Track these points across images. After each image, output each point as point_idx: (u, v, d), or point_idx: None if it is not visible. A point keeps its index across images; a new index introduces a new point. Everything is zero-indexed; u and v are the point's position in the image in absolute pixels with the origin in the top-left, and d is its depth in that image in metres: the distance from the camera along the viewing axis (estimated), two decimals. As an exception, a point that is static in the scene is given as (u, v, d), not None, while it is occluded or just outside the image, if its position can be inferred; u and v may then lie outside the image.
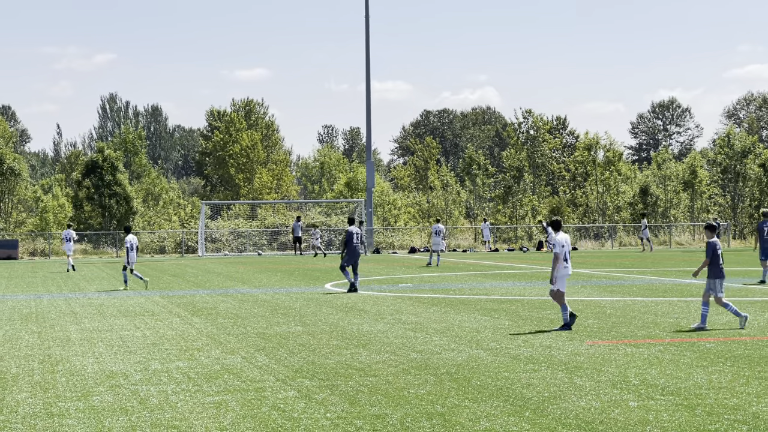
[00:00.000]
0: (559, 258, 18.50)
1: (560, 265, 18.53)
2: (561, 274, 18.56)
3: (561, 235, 18.70)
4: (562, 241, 18.59)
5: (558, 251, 18.47)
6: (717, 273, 18.66)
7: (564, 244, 18.61)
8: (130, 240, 31.77)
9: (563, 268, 18.59)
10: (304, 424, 10.49)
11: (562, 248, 18.55)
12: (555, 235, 18.70)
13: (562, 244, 18.56)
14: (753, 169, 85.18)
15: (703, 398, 11.62)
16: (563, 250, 18.55)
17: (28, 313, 23.42)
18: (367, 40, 71.70)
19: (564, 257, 18.56)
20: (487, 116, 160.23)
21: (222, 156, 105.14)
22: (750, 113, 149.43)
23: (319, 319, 21.25)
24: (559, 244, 18.51)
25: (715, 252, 18.64)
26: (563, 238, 18.69)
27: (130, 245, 31.72)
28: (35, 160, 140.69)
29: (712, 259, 18.66)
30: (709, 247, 18.73)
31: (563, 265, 18.59)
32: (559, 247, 18.50)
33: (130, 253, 31.73)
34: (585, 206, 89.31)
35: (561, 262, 18.55)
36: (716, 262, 18.66)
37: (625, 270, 39.93)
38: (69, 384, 13.15)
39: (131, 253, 31.73)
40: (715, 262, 18.66)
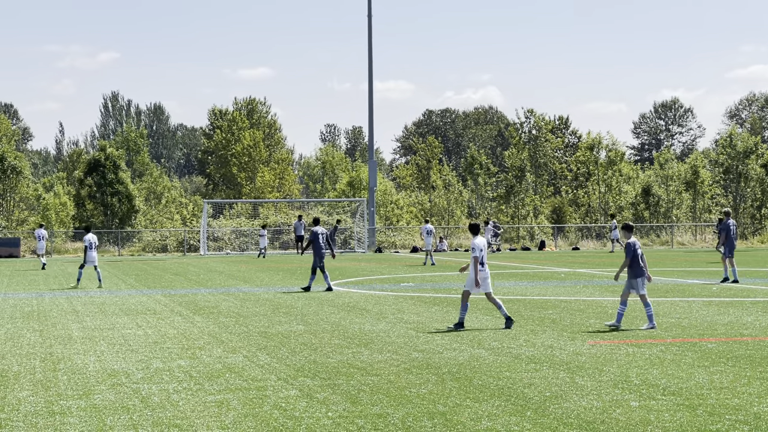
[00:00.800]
0: (478, 261, 18.78)
1: (478, 267, 18.80)
2: (483, 276, 18.84)
3: (479, 239, 19.00)
4: (480, 245, 18.87)
5: (477, 255, 18.76)
6: (638, 272, 18.82)
7: (483, 248, 18.89)
8: (89, 239, 32.27)
9: (481, 271, 18.86)
10: (305, 423, 10.49)
11: (481, 252, 18.83)
12: (474, 240, 19.00)
13: (480, 248, 18.84)
14: (755, 170, 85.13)
15: (705, 398, 11.61)
16: (482, 254, 18.83)
17: (29, 312, 23.43)
18: (370, 39, 71.72)
19: (482, 260, 18.84)
20: (489, 116, 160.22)
21: (224, 155, 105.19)
22: (752, 113, 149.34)
23: (320, 318, 21.25)
24: (478, 248, 18.81)
25: (635, 252, 18.80)
26: (482, 241, 18.96)
27: (89, 244, 32.18)
28: (37, 159, 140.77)
29: (632, 259, 18.81)
30: (628, 247, 18.89)
31: (480, 268, 18.85)
32: (478, 250, 18.79)
33: (90, 252, 32.11)
34: (587, 206, 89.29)
35: (478, 265, 18.82)
36: (636, 261, 18.81)
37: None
38: (71, 382, 13.16)
39: (90, 251, 32.12)
40: (635, 262, 18.82)
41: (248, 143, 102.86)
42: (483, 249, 18.85)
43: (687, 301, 24.64)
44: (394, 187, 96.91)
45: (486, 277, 18.90)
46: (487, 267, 18.99)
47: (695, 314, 21.21)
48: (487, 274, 18.97)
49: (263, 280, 35.21)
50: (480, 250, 18.78)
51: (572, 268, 41.41)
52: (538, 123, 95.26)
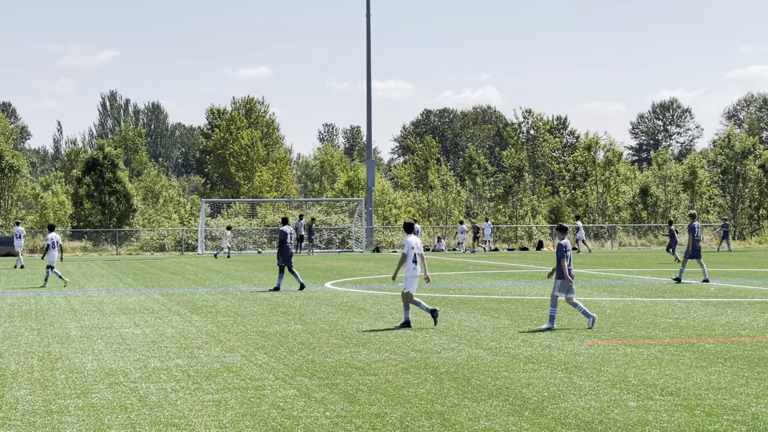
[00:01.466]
0: (407, 259, 18.90)
1: (409, 266, 18.92)
2: (410, 275, 18.96)
3: (411, 237, 19.13)
4: (411, 243, 19.00)
5: (407, 252, 18.91)
6: (561, 273, 18.85)
7: (413, 246, 19.00)
8: (52, 238, 32.29)
9: (412, 269, 18.96)
10: (303, 422, 10.49)
11: (411, 250, 18.95)
12: (406, 237, 19.13)
13: (411, 246, 18.97)
14: (753, 170, 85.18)
15: (703, 399, 11.62)
16: (412, 252, 18.94)
17: (27, 310, 23.42)
18: (368, 39, 71.71)
19: (413, 259, 18.93)
20: (487, 116, 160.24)
21: (222, 154, 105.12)
22: (750, 114, 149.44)
23: (318, 317, 21.25)
24: (408, 246, 18.94)
25: (564, 253, 18.85)
26: (413, 240, 19.08)
27: (52, 243, 32.20)
28: (35, 157, 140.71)
29: (560, 261, 18.87)
30: (559, 248, 18.95)
31: (412, 267, 18.95)
32: (408, 248, 18.93)
33: (52, 251, 32.14)
34: (585, 206, 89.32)
35: (410, 264, 18.93)
36: (563, 263, 18.85)
37: (624, 270, 39.93)
38: (68, 381, 13.15)
39: (53, 251, 32.15)
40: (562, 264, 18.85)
41: (246, 143, 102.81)
42: (414, 247, 18.99)
43: (685, 301, 24.66)
44: (392, 186, 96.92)
45: (413, 277, 19.03)
46: (418, 266, 19.10)
47: (693, 314, 21.22)
48: (417, 274, 19.09)
49: (261, 279, 35.20)
50: (411, 247, 18.96)
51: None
52: (536, 123, 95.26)
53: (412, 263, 18.97)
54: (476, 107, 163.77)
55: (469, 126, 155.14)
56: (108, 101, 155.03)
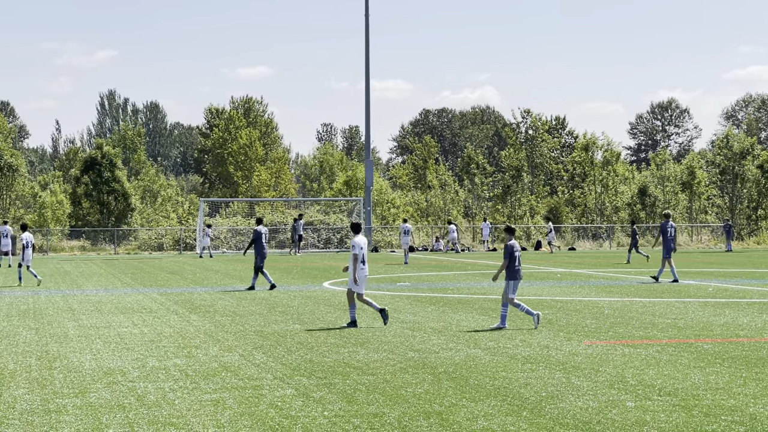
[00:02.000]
0: (358, 259, 19.09)
1: (359, 266, 19.13)
2: (360, 275, 19.17)
3: (360, 237, 19.33)
4: (361, 243, 19.19)
5: (357, 252, 19.08)
6: (513, 275, 19.00)
7: (363, 246, 19.19)
8: (25, 237, 32.50)
9: (360, 270, 19.16)
10: (301, 422, 10.48)
11: (361, 250, 19.13)
12: (354, 238, 19.33)
13: (361, 246, 19.15)
14: (751, 171, 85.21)
15: (701, 399, 11.62)
16: (361, 252, 19.12)
17: (25, 310, 23.41)
18: (367, 38, 71.71)
19: (362, 259, 19.13)
20: (486, 116, 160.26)
21: (221, 153, 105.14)
22: (749, 115, 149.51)
23: (317, 317, 21.25)
24: (358, 246, 19.13)
25: (512, 254, 18.95)
26: (362, 240, 19.28)
27: (26, 242, 32.38)
28: (33, 156, 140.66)
29: (510, 261, 18.99)
30: (506, 249, 19.06)
31: (360, 267, 19.16)
32: (358, 248, 19.11)
33: (26, 251, 32.28)
34: (583, 206, 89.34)
35: (359, 264, 19.13)
36: (513, 264, 18.98)
37: (622, 270, 39.93)
38: (66, 380, 13.14)
39: (27, 250, 32.30)
40: (512, 264, 18.99)
41: (245, 142, 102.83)
42: (363, 247, 19.19)
43: (683, 301, 24.66)
44: (391, 186, 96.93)
45: (363, 277, 19.25)
46: (366, 267, 19.33)
47: (691, 315, 21.23)
48: (366, 274, 19.31)
49: (259, 279, 35.17)
50: (360, 248, 19.14)
51: (568, 269, 41.43)
52: (534, 123, 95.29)
53: (361, 264, 19.20)
54: (475, 107, 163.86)
55: (468, 126, 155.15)
56: (106, 100, 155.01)
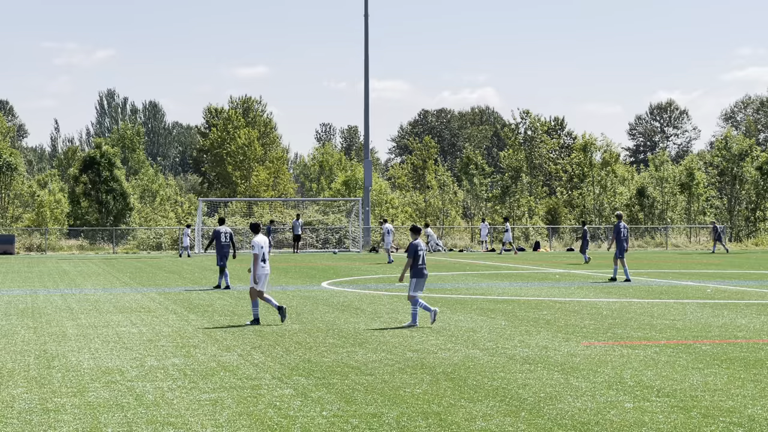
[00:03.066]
0: (258, 258, 19.60)
1: (259, 265, 19.62)
2: (260, 273, 19.61)
3: (259, 237, 19.92)
4: (260, 243, 19.72)
5: (257, 252, 19.61)
6: (417, 273, 19.28)
7: (263, 245, 19.70)
8: None
9: (261, 268, 19.69)
10: (300, 422, 10.48)
11: (261, 249, 19.65)
12: (255, 238, 19.90)
13: (261, 246, 19.69)
14: (750, 172, 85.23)
15: (699, 400, 11.62)
16: (262, 251, 19.64)
17: (24, 309, 23.40)
18: (366, 39, 71.72)
19: (263, 258, 19.65)
20: (485, 116, 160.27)
21: (219, 153, 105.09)
22: (747, 116, 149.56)
23: (315, 317, 21.25)
24: (258, 246, 19.67)
25: (417, 253, 19.25)
26: (262, 239, 19.81)
27: None
28: (32, 156, 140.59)
29: (414, 260, 19.25)
30: (411, 248, 19.38)
31: (261, 266, 19.68)
32: (258, 248, 19.65)
33: None
34: (582, 207, 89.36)
35: (260, 263, 19.62)
36: (417, 262, 19.26)
37: (620, 271, 39.90)
38: (65, 380, 13.14)
39: None
40: (416, 263, 19.27)
41: (243, 142, 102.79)
42: (263, 247, 19.68)
43: (681, 302, 24.67)
44: (389, 186, 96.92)
45: (264, 275, 19.72)
46: (268, 265, 19.84)
47: (690, 316, 21.24)
48: (267, 273, 19.79)
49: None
50: (260, 247, 19.65)
51: (567, 269, 41.44)
52: (533, 124, 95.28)
53: (262, 262, 19.68)
54: (474, 108, 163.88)
55: (467, 126, 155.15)
56: (105, 100, 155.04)
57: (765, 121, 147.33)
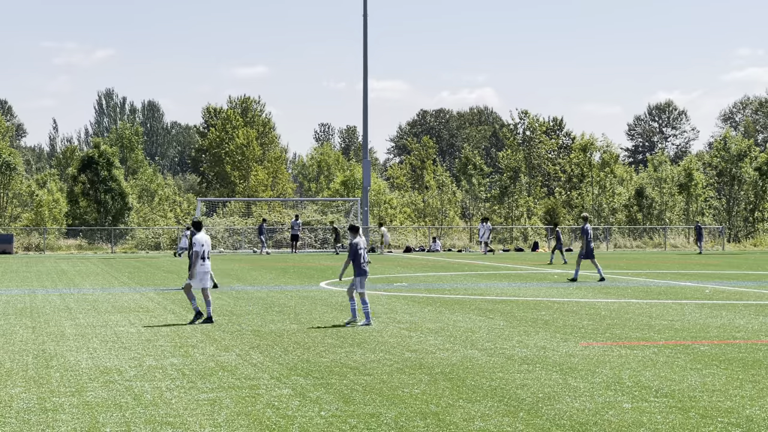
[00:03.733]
0: (198, 256, 20.00)
1: (198, 262, 20.00)
2: (198, 271, 20.01)
3: (201, 234, 20.28)
4: (202, 241, 20.13)
5: (198, 249, 20.02)
6: (359, 271, 19.82)
7: (203, 244, 20.10)
8: None
9: (200, 266, 20.06)
10: (298, 422, 10.49)
11: (202, 247, 20.06)
12: (195, 236, 20.25)
13: (202, 243, 20.10)
14: (748, 173, 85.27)
15: (697, 401, 11.63)
16: (202, 249, 20.04)
17: (22, 308, 23.39)
18: (365, 38, 71.67)
19: (202, 256, 20.05)
20: (483, 116, 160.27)
21: (218, 153, 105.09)
22: (746, 117, 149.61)
23: (313, 317, 21.25)
24: (198, 243, 20.09)
25: (357, 252, 19.82)
26: (203, 238, 20.20)
27: None
28: (31, 155, 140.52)
29: (354, 259, 19.80)
30: (351, 247, 19.91)
31: (200, 263, 20.05)
32: (199, 245, 20.06)
33: None
34: (580, 208, 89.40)
35: (199, 260, 20.02)
36: (358, 261, 19.81)
37: (619, 272, 39.94)
38: (63, 379, 13.14)
39: None
40: (357, 261, 19.82)
41: (242, 142, 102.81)
42: (204, 245, 20.05)
43: (680, 303, 24.68)
44: (388, 187, 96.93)
45: (203, 272, 20.08)
46: (208, 263, 20.17)
47: (688, 317, 21.25)
48: (206, 270, 20.12)
49: (256, 278, 35.19)
50: (201, 245, 20.04)
51: (565, 270, 41.44)
52: (532, 124, 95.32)
53: (201, 260, 20.06)
54: (473, 108, 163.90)
55: (465, 126, 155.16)
56: (104, 99, 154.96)
57: (764, 122, 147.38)
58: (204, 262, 20.07)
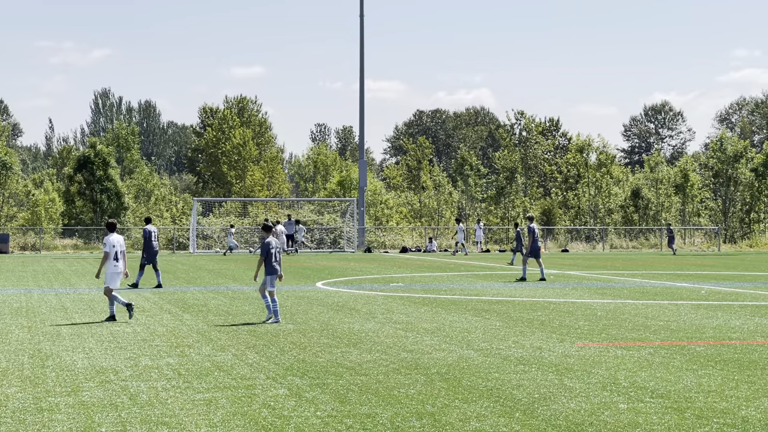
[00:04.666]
0: (108, 257, 20.45)
1: (110, 263, 20.48)
2: (111, 272, 20.52)
3: (114, 236, 20.72)
4: (113, 242, 20.59)
5: (108, 250, 20.45)
6: (270, 270, 20.39)
7: (114, 245, 20.58)
8: None
9: (113, 267, 20.55)
10: (294, 422, 10.48)
11: (113, 248, 20.47)
12: (107, 237, 20.71)
13: (113, 245, 20.55)
14: (745, 174, 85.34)
15: (693, 401, 11.64)
16: (113, 250, 20.49)
17: (18, 308, 23.37)
18: (362, 39, 71.72)
19: (114, 257, 20.46)
20: (480, 117, 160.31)
21: (214, 153, 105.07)
22: (742, 118, 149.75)
23: (309, 317, 21.25)
24: (109, 245, 20.51)
25: (269, 251, 20.42)
26: (115, 239, 20.67)
27: None
28: (27, 155, 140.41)
29: (266, 258, 20.42)
30: (264, 246, 20.47)
31: (113, 264, 20.54)
32: (110, 246, 20.48)
33: None
34: (577, 208, 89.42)
35: (111, 261, 20.47)
36: (270, 260, 20.41)
37: (615, 272, 39.98)
38: (59, 379, 13.13)
39: None
40: (269, 260, 20.42)
41: (238, 142, 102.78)
42: (115, 245, 20.50)
43: (675, 304, 24.70)
44: (384, 187, 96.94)
45: (114, 274, 20.48)
46: (121, 264, 20.61)
47: (684, 317, 21.26)
48: (118, 271, 20.55)
49: (252, 278, 35.13)
50: (112, 246, 20.45)
51: (561, 270, 41.46)
52: (528, 125, 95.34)
53: (113, 260, 20.46)
54: (469, 108, 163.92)
55: (462, 127, 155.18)
56: (101, 99, 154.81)
57: (760, 123, 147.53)
58: (117, 263, 20.51)
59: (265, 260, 20.40)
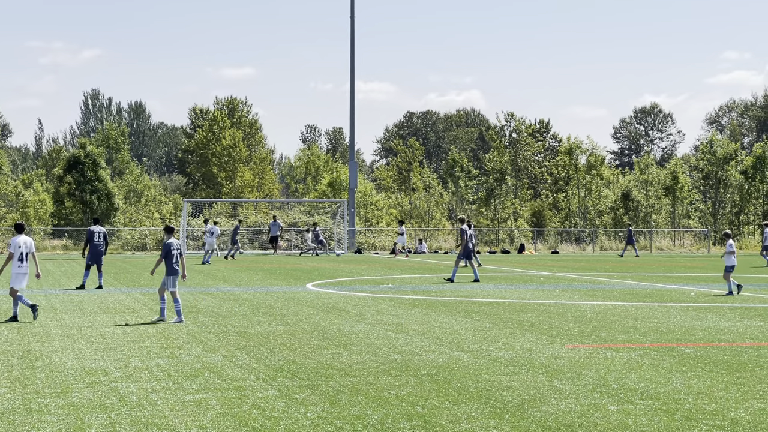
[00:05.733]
0: (13, 257, 20.71)
1: (15, 264, 20.71)
2: (15, 272, 20.75)
3: (21, 237, 20.99)
4: (19, 243, 20.82)
5: (13, 251, 20.76)
6: (170, 270, 20.78)
7: (20, 245, 20.82)
8: None
9: (18, 267, 20.78)
10: (284, 423, 10.48)
11: (18, 249, 20.77)
12: (14, 238, 20.97)
13: (18, 245, 20.78)
14: (734, 176, 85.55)
15: (682, 403, 11.66)
16: (19, 251, 20.76)
17: (7, 309, 23.29)
18: (352, 40, 71.73)
19: (20, 257, 20.77)
20: (470, 119, 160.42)
21: (204, 154, 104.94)
22: (732, 120, 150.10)
23: (300, 318, 21.23)
24: (15, 245, 20.80)
25: (170, 251, 20.75)
26: (21, 240, 20.89)
27: None
28: (16, 155, 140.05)
29: (166, 258, 20.74)
30: (164, 247, 20.85)
31: (17, 265, 20.76)
32: (15, 247, 20.78)
33: None
34: (567, 210, 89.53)
35: (16, 262, 20.72)
36: (170, 260, 20.74)
37: (605, 274, 40.04)
38: (48, 380, 13.10)
39: None
40: (169, 261, 20.75)
41: (228, 143, 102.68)
42: (20, 246, 20.76)
43: (665, 306, 24.74)
44: (375, 188, 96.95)
45: (19, 274, 20.74)
46: (26, 265, 20.88)
47: (673, 319, 21.31)
48: (24, 273, 20.83)
49: (242, 279, 35.15)
50: (18, 247, 20.74)
51: (551, 272, 41.51)
52: (518, 127, 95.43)
53: (18, 261, 20.74)
54: (459, 110, 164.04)
55: (452, 128, 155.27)
56: (90, 100, 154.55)
57: (749, 125, 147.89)
58: (22, 264, 20.77)
59: (165, 260, 20.70)
